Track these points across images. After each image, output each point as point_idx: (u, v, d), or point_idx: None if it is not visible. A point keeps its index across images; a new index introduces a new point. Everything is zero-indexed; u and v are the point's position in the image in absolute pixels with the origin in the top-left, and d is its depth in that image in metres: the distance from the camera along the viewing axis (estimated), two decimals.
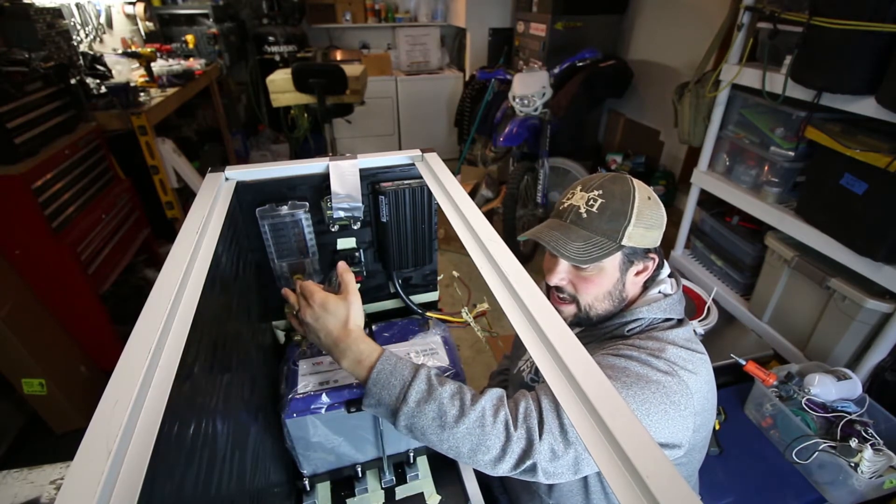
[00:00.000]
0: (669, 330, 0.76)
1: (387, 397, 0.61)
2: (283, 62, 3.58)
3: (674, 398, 0.66)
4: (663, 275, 0.82)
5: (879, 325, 1.42)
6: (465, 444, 0.59)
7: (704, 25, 2.49)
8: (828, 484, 1.19)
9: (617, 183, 0.75)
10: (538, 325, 0.42)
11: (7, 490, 0.80)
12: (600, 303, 0.79)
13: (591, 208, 0.74)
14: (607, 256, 0.73)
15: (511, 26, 3.75)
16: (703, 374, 0.72)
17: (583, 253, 0.72)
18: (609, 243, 0.73)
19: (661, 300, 0.78)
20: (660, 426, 0.65)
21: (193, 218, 0.58)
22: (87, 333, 1.74)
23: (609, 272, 0.76)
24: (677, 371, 0.68)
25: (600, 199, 0.73)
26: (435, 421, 0.60)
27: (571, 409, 0.36)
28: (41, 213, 1.46)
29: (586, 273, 0.77)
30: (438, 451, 0.62)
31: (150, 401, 0.36)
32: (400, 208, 0.81)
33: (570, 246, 0.73)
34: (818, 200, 1.54)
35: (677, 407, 0.66)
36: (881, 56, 1.25)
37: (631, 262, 0.77)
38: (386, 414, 0.62)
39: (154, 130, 2.01)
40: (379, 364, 0.62)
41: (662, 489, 0.28)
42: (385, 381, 0.62)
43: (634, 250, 0.75)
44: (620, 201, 0.73)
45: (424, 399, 0.61)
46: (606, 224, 0.73)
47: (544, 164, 2.56)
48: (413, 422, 0.60)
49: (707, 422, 0.75)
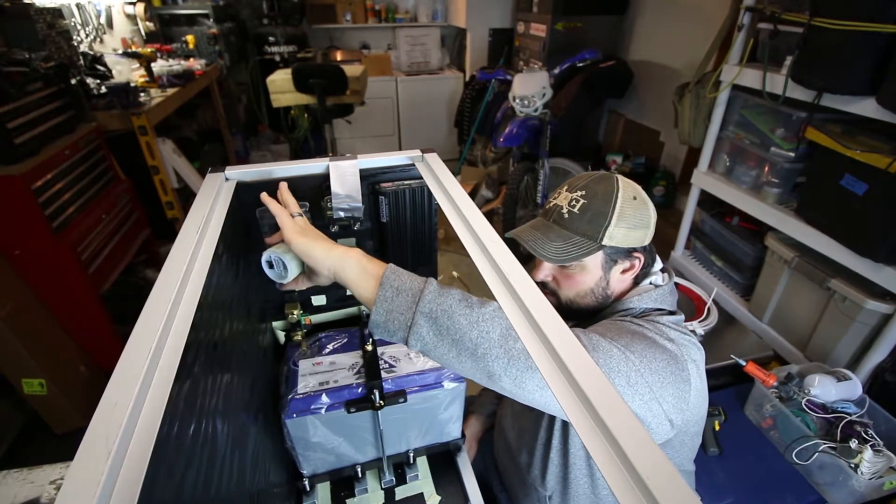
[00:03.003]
0: (661, 317, 0.76)
1: (408, 282, 0.55)
2: (283, 62, 3.58)
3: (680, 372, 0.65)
4: (655, 268, 0.83)
5: (879, 326, 1.42)
6: (496, 326, 0.52)
7: (705, 26, 2.49)
8: (828, 485, 1.19)
9: (602, 183, 0.76)
10: (538, 326, 0.42)
11: (7, 490, 0.80)
12: (582, 299, 0.80)
13: (572, 208, 0.75)
14: (586, 256, 0.74)
15: (511, 27, 3.75)
16: (698, 356, 0.73)
17: (561, 252, 0.74)
18: (589, 243, 0.74)
19: (651, 290, 0.80)
20: (670, 399, 0.63)
21: (193, 218, 0.58)
22: (87, 333, 1.74)
23: (591, 270, 0.77)
24: (680, 347, 0.69)
25: (582, 200, 0.75)
26: (462, 302, 0.54)
27: (571, 408, 0.36)
28: (41, 213, 1.46)
29: (569, 271, 0.79)
30: (464, 349, 0.53)
31: (150, 401, 0.36)
32: (400, 209, 0.81)
33: (548, 246, 0.75)
34: (818, 201, 1.54)
35: (684, 380, 0.65)
36: (881, 57, 1.25)
37: (614, 261, 0.78)
38: (406, 303, 0.54)
39: (154, 130, 2.01)
40: (390, 267, 0.57)
41: (662, 489, 0.28)
42: (401, 275, 0.56)
43: (617, 250, 0.76)
44: (602, 201, 0.74)
45: (444, 289, 0.55)
46: (587, 224, 0.74)
47: (544, 164, 2.56)
48: (439, 302, 0.53)
49: (701, 405, 0.74)
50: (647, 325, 0.70)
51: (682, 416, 0.66)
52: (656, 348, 0.65)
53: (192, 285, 0.48)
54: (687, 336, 0.74)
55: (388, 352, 0.80)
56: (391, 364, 0.78)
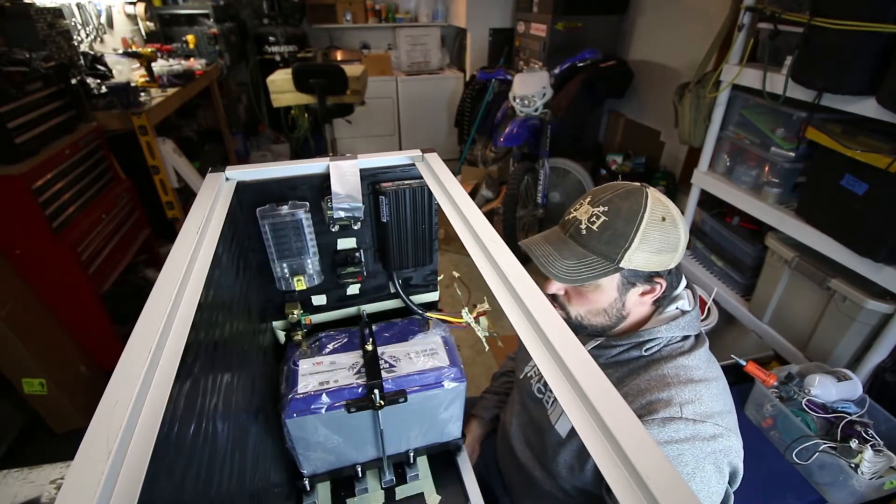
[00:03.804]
0: (693, 352, 0.73)
1: None
2: (283, 62, 3.58)
3: (725, 457, 0.68)
4: (680, 289, 0.77)
5: (880, 326, 1.42)
6: None
7: (705, 26, 2.49)
8: (828, 485, 1.19)
9: (628, 199, 0.68)
10: (538, 326, 0.42)
11: (7, 490, 0.80)
12: (593, 317, 0.76)
13: (591, 225, 0.69)
14: (601, 278, 0.69)
15: (511, 26, 3.75)
16: (731, 408, 0.73)
17: (572, 272, 0.69)
18: (605, 264, 0.68)
19: (678, 318, 0.74)
20: (719, 480, 0.68)
21: (194, 218, 0.58)
22: (87, 333, 1.74)
23: (606, 291, 0.72)
24: (721, 431, 0.68)
25: (603, 217, 0.68)
26: None
27: (571, 409, 0.36)
28: (41, 213, 1.46)
29: (582, 288, 0.74)
30: None
31: (150, 401, 0.36)
32: (400, 208, 0.81)
33: (558, 263, 0.69)
34: (819, 201, 1.54)
35: (726, 455, 0.68)
36: (882, 57, 1.25)
37: (632, 283, 0.72)
38: None
39: (154, 130, 2.01)
40: None
41: (662, 489, 0.28)
42: None
43: (636, 273, 0.70)
44: (625, 221, 0.67)
45: None
46: (605, 245, 0.68)
47: (544, 164, 2.56)
48: None
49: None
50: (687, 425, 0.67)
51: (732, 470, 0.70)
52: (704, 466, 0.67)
53: (192, 285, 0.48)
54: (717, 385, 0.72)
55: (388, 351, 0.80)
56: (391, 364, 0.78)
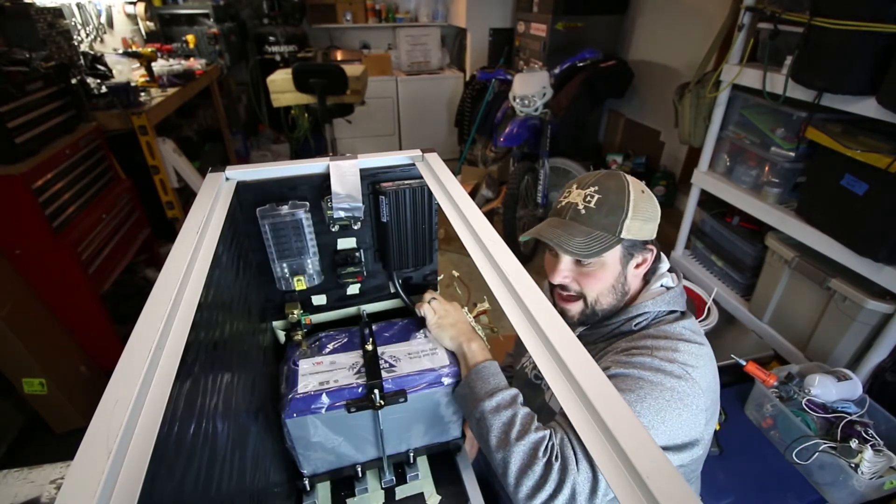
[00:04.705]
0: (676, 322, 0.77)
1: (479, 387, 0.70)
2: (283, 62, 3.58)
3: (687, 400, 0.68)
4: (663, 269, 0.84)
5: (880, 326, 1.42)
6: (517, 461, 0.63)
7: (705, 26, 2.49)
8: (828, 485, 1.19)
9: (611, 179, 0.77)
10: (538, 325, 0.42)
11: (7, 489, 0.80)
12: (605, 297, 0.80)
13: (588, 204, 0.76)
14: (608, 250, 0.74)
15: (511, 26, 3.75)
16: (710, 368, 0.74)
17: (585, 248, 0.74)
18: (609, 237, 0.74)
19: (664, 293, 0.80)
20: (677, 430, 0.67)
21: (194, 218, 0.58)
22: (87, 333, 1.74)
23: (610, 266, 0.78)
24: (690, 373, 0.70)
25: (597, 195, 0.75)
26: (504, 427, 0.65)
27: (571, 408, 0.36)
28: (41, 213, 1.46)
29: (589, 269, 0.78)
30: (490, 457, 0.66)
31: (150, 401, 0.36)
32: (400, 208, 0.81)
33: (572, 241, 0.74)
34: (819, 201, 1.54)
35: (690, 408, 0.68)
36: (882, 57, 1.25)
37: (631, 254, 0.78)
38: (469, 402, 0.70)
39: (154, 130, 2.01)
40: (488, 362, 0.73)
41: (662, 489, 0.28)
42: (486, 375, 0.71)
43: (634, 242, 0.77)
44: (616, 195, 0.75)
45: (506, 405, 0.67)
46: (605, 218, 0.75)
47: (545, 164, 2.56)
48: (487, 418, 0.66)
49: (713, 416, 0.76)
50: (654, 360, 0.70)
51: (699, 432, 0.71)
52: (658, 395, 0.67)
53: (192, 285, 0.48)
54: (698, 346, 0.74)
55: (388, 351, 0.80)
56: (391, 364, 0.78)
